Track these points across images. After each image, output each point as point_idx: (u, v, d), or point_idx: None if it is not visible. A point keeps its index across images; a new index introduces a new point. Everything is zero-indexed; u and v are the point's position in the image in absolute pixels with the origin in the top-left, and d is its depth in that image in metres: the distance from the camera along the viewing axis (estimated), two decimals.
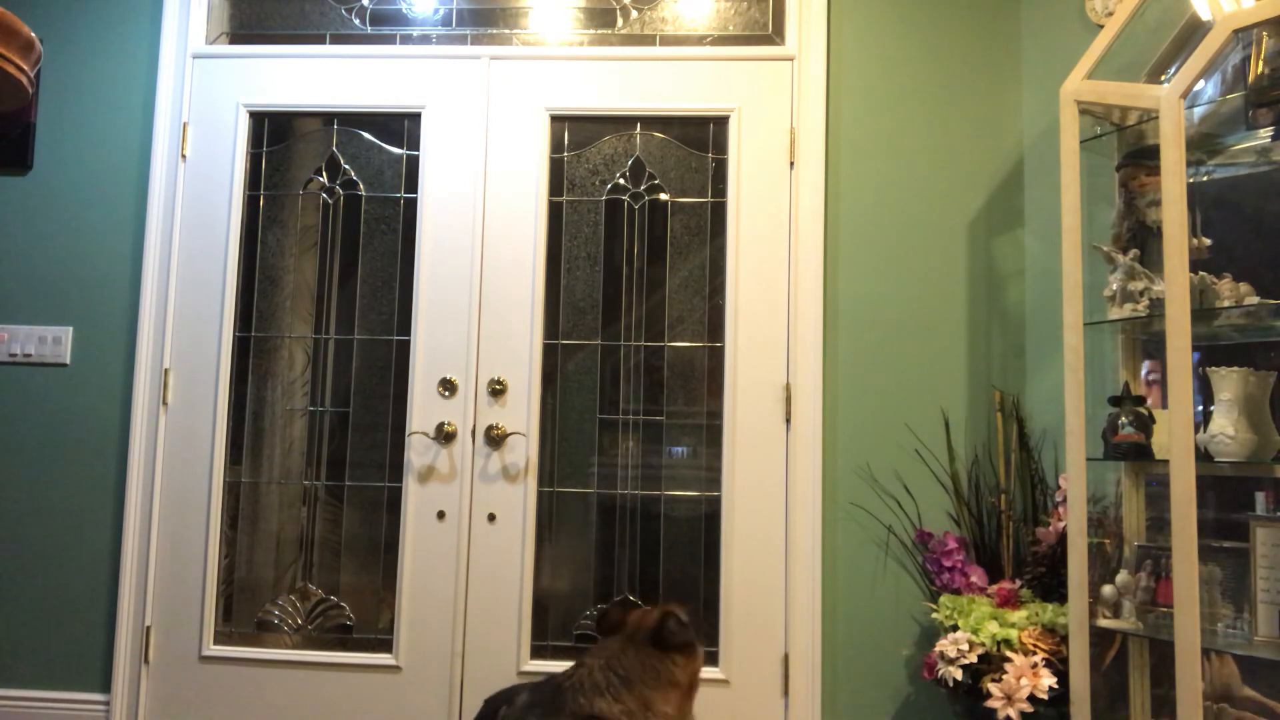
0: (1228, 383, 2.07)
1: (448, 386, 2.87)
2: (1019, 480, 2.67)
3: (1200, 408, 2.10)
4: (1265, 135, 2.11)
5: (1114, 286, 2.24)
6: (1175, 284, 1.98)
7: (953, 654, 2.31)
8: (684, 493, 2.84)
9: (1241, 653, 1.99)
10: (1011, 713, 2.18)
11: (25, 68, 1.31)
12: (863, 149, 2.89)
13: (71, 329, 2.96)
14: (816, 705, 2.71)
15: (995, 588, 2.47)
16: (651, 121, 2.96)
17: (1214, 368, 2.11)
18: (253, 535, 2.93)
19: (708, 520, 2.83)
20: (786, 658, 2.74)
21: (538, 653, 2.81)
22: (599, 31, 3.02)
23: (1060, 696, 2.18)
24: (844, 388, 2.82)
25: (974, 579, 2.55)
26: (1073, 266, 2.23)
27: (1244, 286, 2.05)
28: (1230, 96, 2.11)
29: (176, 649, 2.85)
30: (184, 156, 2.99)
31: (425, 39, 3.05)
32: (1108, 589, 2.21)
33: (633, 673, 1.93)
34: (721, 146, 2.93)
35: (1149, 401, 2.25)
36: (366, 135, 3.01)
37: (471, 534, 2.83)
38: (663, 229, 2.93)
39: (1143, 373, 2.36)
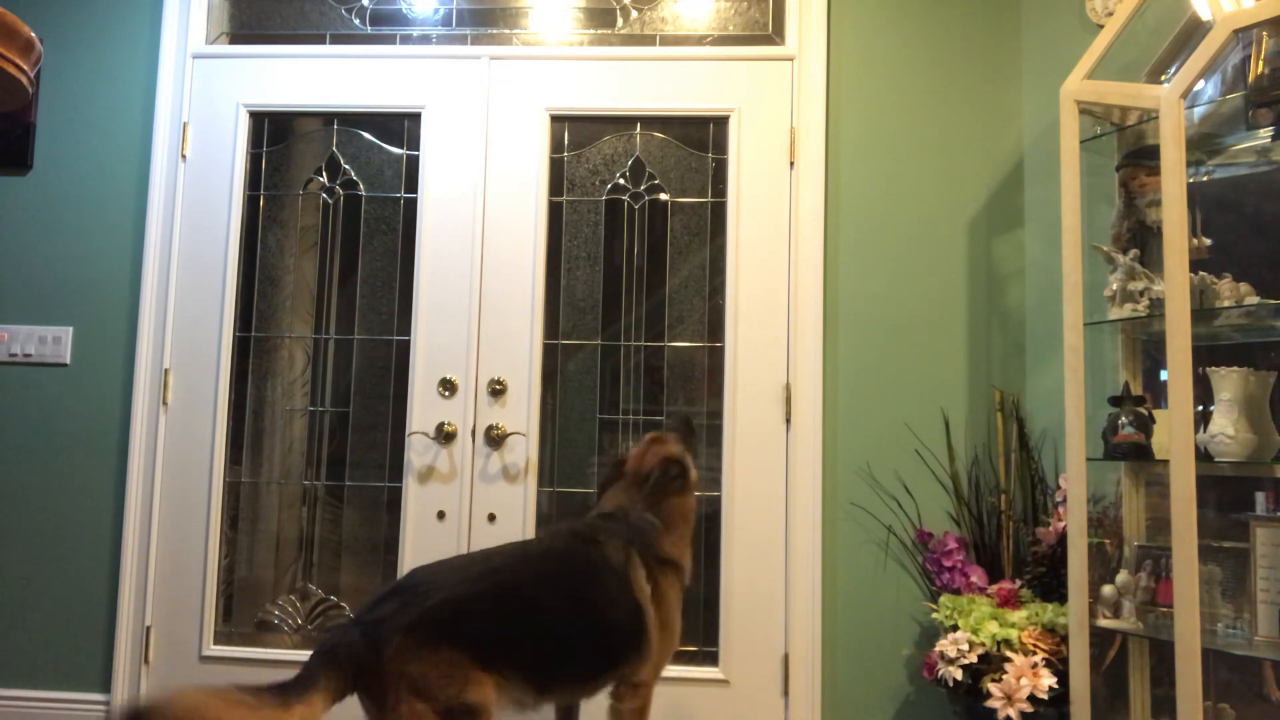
0: (1228, 383, 2.07)
1: (448, 386, 2.87)
2: (1019, 480, 2.67)
3: (1200, 408, 2.09)
4: (1265, 135, 2.11)
5: (1114, 286, 2.24)
6: (1175, 284, 1.98)
7: (953, 654, 2.31)
8: None
9: (1241, 653, 1.99)
10: (1011, 713, 2.18)
11: (25, 68, 1.31)
12: (863, 149, 2.89)
13: (71, 329, 2.96)
14: (816, 705, 2.71)
15: (995, 588, 2.47)
16: (651, 121, 2.96)
17: (1214, 368, 2.11)
18: (253, 535, 2.93)
19: (708, 520, 2.82)
20: (786, 658, 2.74)
21: None
22: (599, 31, 3.02)
23: (1060, 696, 2.18)
24: (844, 388, 2.82)
25: (974, 579, 2.55)
26: (1073, 266, 2.23)
27: (1244, 286, 2.05)
28: (1230, 96, 2.11)
29: (176, 649, 2.85)
30: (184, 156, 2.99)
31: (425, 39, 3.05)
32: (1108, 589, 2.21)
33: (663, 519, 2.09)
34: (721, 146, 2.93)
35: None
36: (366, 135, 3.01)
37: (471, 534, 2.82)
38: (663, 229, 2.93)
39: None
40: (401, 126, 3.00)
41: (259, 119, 3.03)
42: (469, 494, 2.83)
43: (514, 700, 1.79)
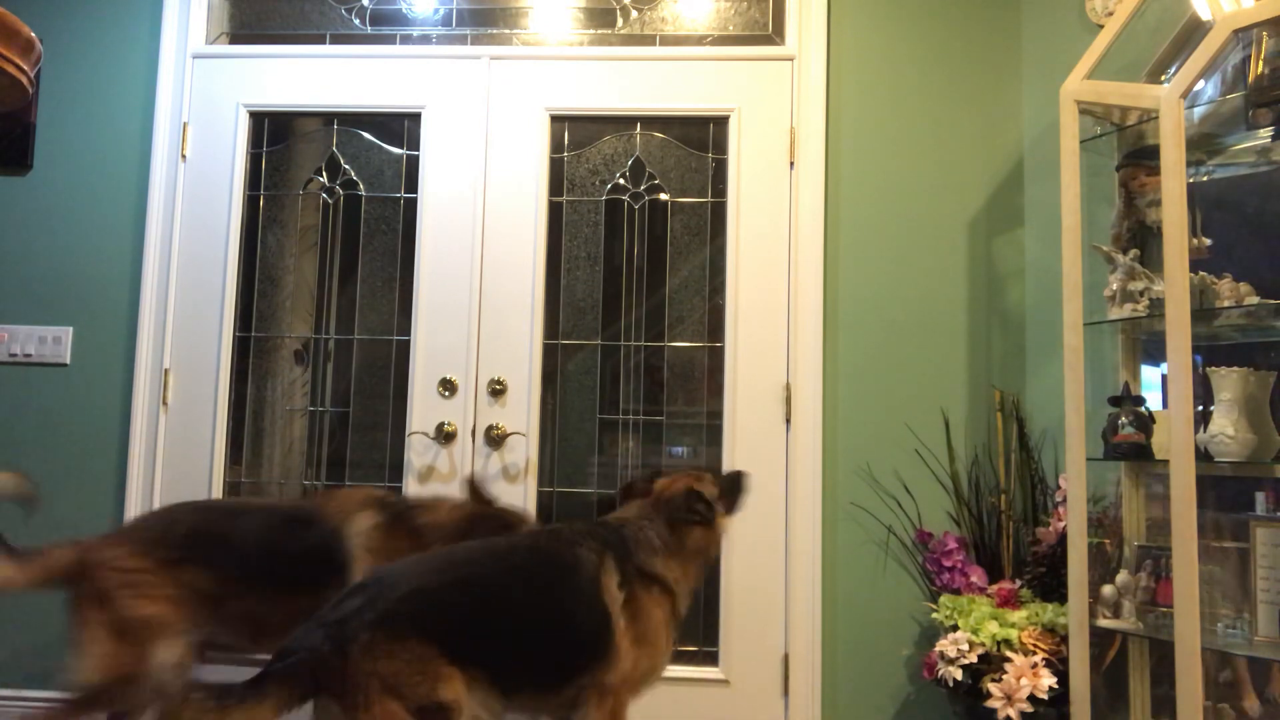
0: (1228, 383, 2.07)
1: (448, 386, 2.87)
2: (1019, 480, 2.67)
3: (1200, 408, 2.09)
4: (1265, 135, 2.11)
5: (1114, 286, 2.24)
6: (1175, 284, 1.98)
7: (953, 654, 2.31)
8: None
9: (1241, 653, 1.99)
10: (1011, 713, 2.18)
11: (25, 68, 1.31)
12: (863, 149, 2.89)
13: (71, 329, 2.96)
14: (816, 705, 2.71)
15: (995, 588, 2.47)
16: (651, 121, 2.96)
17: (1214, 368, 2.11)
18: None
19: None
20: (786, 658, 2.74)
21: None
22: (599, 31, 3.02)
23: (1060, 696, 2.18)
24: (844, 388, 2.82)
25: (974, 579, 2.55)
26: (1073, 266, 2.23)
27: (1244, 286, 2.05)
28: (1230, 96, 2.11)
29: None
30: (184, 156, 2.99)
31: (425, 39, 3.05)
32: (1108, 589, 2.21)
33: (671, 542, 2.04)
34: (721, 146, 2.93)
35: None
36: (366, 135, 3.00)
37: None
38: (663, 229, 2.93)
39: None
40: (401, 126, 3.00)
41: (259, 119, 3.03)
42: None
43: (481, 704, 1.76)
